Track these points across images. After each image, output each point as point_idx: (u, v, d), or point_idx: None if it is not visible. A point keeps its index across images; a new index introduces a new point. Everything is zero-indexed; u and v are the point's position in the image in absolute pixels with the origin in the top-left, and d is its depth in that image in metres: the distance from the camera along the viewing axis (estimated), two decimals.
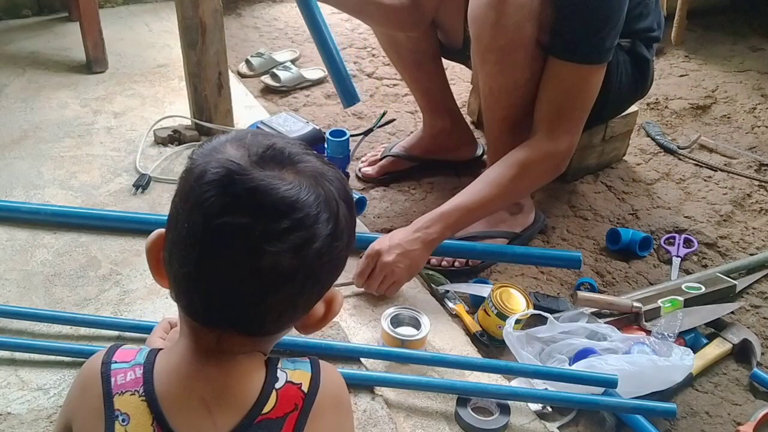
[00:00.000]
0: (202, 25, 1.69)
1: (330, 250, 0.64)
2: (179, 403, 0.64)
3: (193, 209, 0.61)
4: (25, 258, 1.42)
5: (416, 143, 1.82)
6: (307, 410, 0.66)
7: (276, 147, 0.64)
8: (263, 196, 0.60)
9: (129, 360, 0.67)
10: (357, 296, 1.37)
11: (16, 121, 1.91)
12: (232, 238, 0.60)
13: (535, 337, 1.25)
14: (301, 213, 0.61)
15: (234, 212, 0.59)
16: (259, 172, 0.61)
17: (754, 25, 2.70)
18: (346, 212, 0.66)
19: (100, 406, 0.64)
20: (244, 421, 0.63)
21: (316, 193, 0.62)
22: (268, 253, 0.60)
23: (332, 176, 0.66)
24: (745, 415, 1.22)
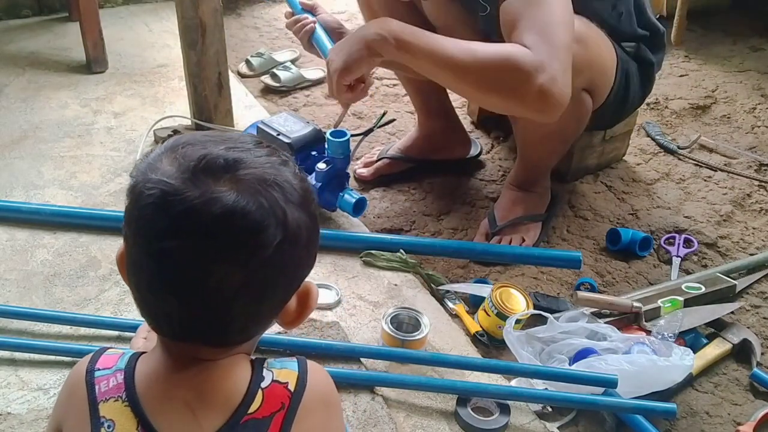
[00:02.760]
0: (202, 25, 1.69)
1: (284, 256, 0.62)
2: (162, 406, 0.64)
3: (136, 233, 0.61)
4: (25, 258, 1.42)
5: (412, 144, 1.83)
6: (294, 409, 0.65)
7: (209, 157, 0.60)
8: (198, 216, 0.58)
9: (111, 366, 0.67)
10: (357, 297, 1.38)
11: (16, 121, 1.91)
12: (176, 261, 0.59)
13: (535, 337, 1.25)
14: (240, 228, 0.59)
15: (172, 236, 0.58)
16: (193, 190, 0.58)
17: (754, 25, 2.70)
18: (298, 215, 0.62)
19: (86, 414, 0.64)
20: (230, 421, 0.63)
21: (256, 203, 0.59)
22: (215, 271, 0.59)
23: (280, 179, 0.62)
24: (745, 415, 1.22)
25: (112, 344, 1.22)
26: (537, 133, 1.52)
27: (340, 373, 1.17)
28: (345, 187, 1.54)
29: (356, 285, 1.41)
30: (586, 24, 1.36)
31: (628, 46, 1.49)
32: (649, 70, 1.56)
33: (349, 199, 1.51)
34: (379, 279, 1.43)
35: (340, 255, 1.48)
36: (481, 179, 1.83)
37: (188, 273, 0.59)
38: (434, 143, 1.81)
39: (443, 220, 1.68)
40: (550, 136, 1.52)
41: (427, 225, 1.65)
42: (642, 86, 1.56)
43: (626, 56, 1.50)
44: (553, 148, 1.58)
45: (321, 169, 1.51)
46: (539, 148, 1.57)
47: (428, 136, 1.81)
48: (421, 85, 1.77)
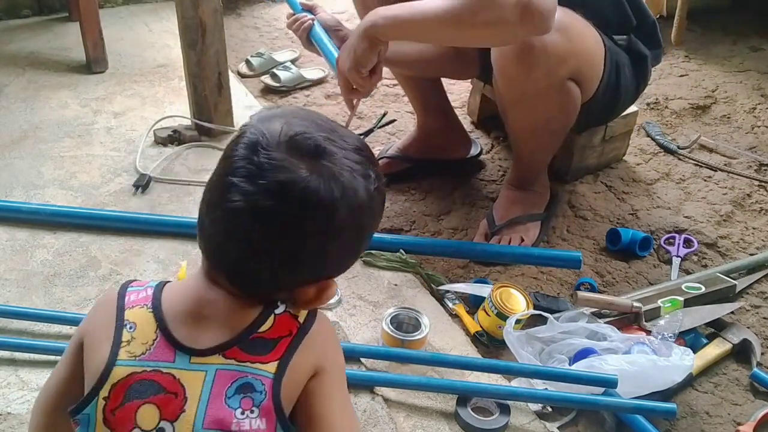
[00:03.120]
0: (202, 25, 1.69)
1: (317, 245, 0.69)
2: (182, 317, 0.71)
3: (221, 162, 0.70)
4: (25, 258, 1.42)
5: (411, 144, 1.83)
6: (300, 338, 0.71)
7: (305, 135, 0.68)
8: (267, 174, 0.66)
9: (143, 285, 0.76)
10: (357, 297, 1.38)
11: (16, 121, 1.91)
12: (232, 197, 0.66)
13: (535, 337, 1.25)
14: (294, 200, 0.66)
15: (242, 177, 0.66)
16: (279, 153, 0.67)
17: (754, 25, 2.70)
18: (347, 217, 0.69)
19: (112, 317, 0.72)
20: (240, 335, 0.70)
21: (316, 189, 0.66)
22: (252, 223, 0.67)
23: (348, 184, 0.68)
24: (745, 415, 1.22)
25: None
26: (525, 127, 1.52)
27: None
28: None
29: (356, 285, 1.41)
30: (569, 14, 1.37)
31: (620, 39, 1.49)
32: (642, 63, 1.56)
33: None
34: (379, 279, 1.43)
35: None
36: (481, 179, 1.83)
37: (235, 213, 0.67)
38: (434, 143, 1.81)
39: (443, 220, 1.68)
40: (538, 129, 1.52)
41: (427, 225, 1.65)
42: (635, 80, 1.56)
43: (617, 48, 1.49)
44: (543, 141, 1.57)
45: None
46: (529, 143, 1.57)
47: (428, 136, 1.81)
48: (420, 84, 1.77)
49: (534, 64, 1.33)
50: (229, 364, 0.69)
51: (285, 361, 0.70)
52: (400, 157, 1.81)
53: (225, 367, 0.69)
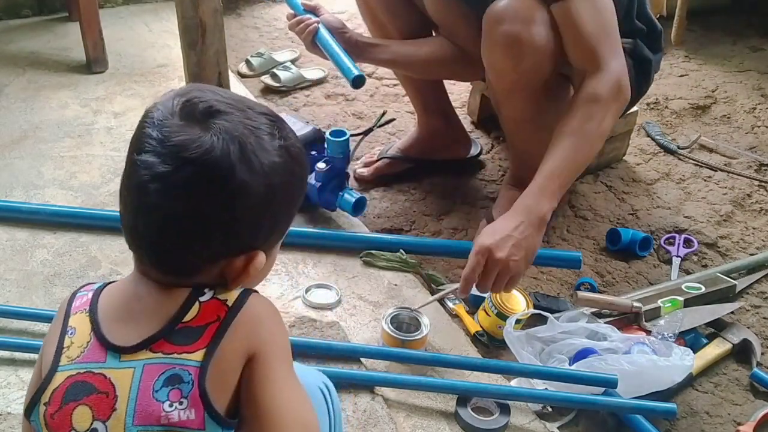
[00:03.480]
0: (202, 25, 1.68)
1: (221, 207, 0.68)
2: (113, 315, 0.72)
3: (131, 144, 0.71)
4: (25, 258, 1.42)
5: (411, 144, 1.83)
6: (228, 322, 0.69)
7: (195, 100, 0.69)
8: (164, 142, 0.67)
9: (90, 288, 0.76)
10: (357, 297, 1.38)
11: (16, 121, 1.91)
12: (139, 174, 0.67)
13: (535, 337, 1.25)
14: (188, 163, 0.66)
15: (146, 151, 0.67)
16: (172, 121, 0.68)
17: (754, 25, 2.70)
18: (249, 176, 0.67)
19: (60, 324, 0.74)
20: (165, 327, 0.69)
21: (210, 148, 0.66)
22: (161, 192, 0.67)
23: (248, 140, 0.68)
24: (745, 415, 1.22)
25: None
26: (517, 119, 1.51)
27: (340, 373, 1.17)
28: (344, 186, 1.54)
29: (356, 285, 1.41)
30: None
31: (625, 42, 1.49)
32: (646, 67, 1.56)
33: (348, 199, 1.51)
34: (379, 279, 1.43)
35: (340, 255, 1.48)
36: (481, 179, 1.83)
37: (144, 187, 0.67)
38: (434, 143, 1.81)
39: (443, 220, 1.68)
40: (529, 122, 1.51)
41: (427, 225, 1.65)
42: (638, 84, 1.56)
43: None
44: (536, 135, 1.52)
45: (321, 168, 1.51)
46: (522, 136, 1.56)
47: (428, 136, 1.81)
48: (420, 84, 1.77)
49: (522, 57, 1.34)
50: (157, 358, 0.68)
51: (212, 348, 0.68)
52: (400, 157, 1.81)
53: (152, 360, 0.68)
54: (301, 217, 1.58)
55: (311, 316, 1.31)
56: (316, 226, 1.57)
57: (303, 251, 1.47)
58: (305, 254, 1.47)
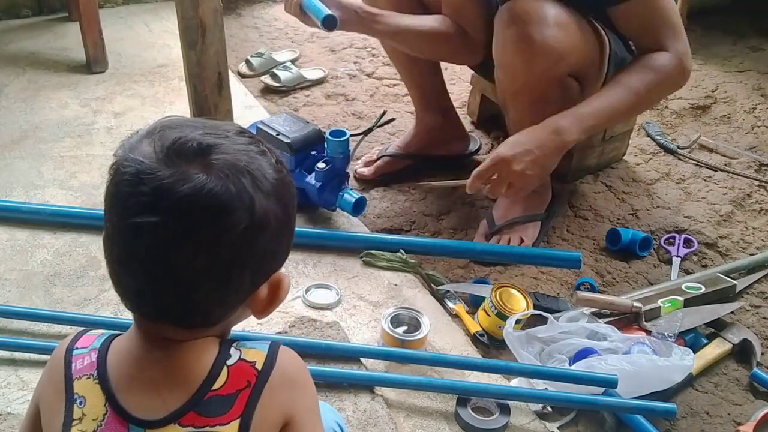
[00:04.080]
0: (202, 25, 1.68)
1: (250, 242, 0.63)
2: (130, 383, 0.65)
3: (111, 209, 0.63)
4: (25, 258, 1.42)
5: (411, 140, 1.83)
6: (260, 388, 0.65)
7: (182, 140, 0.62)
8: (167, 194, 0.60)
9: (88, 345, 0.69)
10: (357, 297, 1.38)
11: (16, 121, 1.91)
12: (144, 238, 0.61)
13: (535, 337, 1.25)
14: (206, 209, 0.60)
15: (142, 213, 0.60)
16: (165, 170, 0.60)
17: (754, 25, 2.70)
18: (267, 203, 0.63)
19: (62, 390, 0.66)
20: (194, 397, 0.64)
21: (224, 187, 0.61)
22: (180, 251, 0.61)
23: (252, 167, 0.63)
24: (745, 415, 1.22)
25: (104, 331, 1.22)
26: (525, 121, 1.49)
27: (340, 373, 1.17)
28: (344, 186, 1.54)
29: (356, 285, 1.41)
30: (568, 11, 1.38)
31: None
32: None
33: (348, 199, 1.51)
34: (379, 279, 1.43)
35: (340, 255, 1.48)
36: None
37: (155, 250, 0.61)
38: (433, 138, 1.82)
39: (443, 220, 1.68)
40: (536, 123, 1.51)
41: (427, 225, 1.65)
42: None
43: (624, 50, 1.49)
44: None
45: (320, 168, 1.51)
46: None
47: (427, 131, 1.82)
48: (421, 80, 1.78)
49: (534, 57, 1.34)
50: None
51: (247, 418, 0.64)
52: (401, 154, 1.82)
53: None
54: (301, 217, 1.58)
55: (311, 316, 1.31)
56: (316, 226, 1.57)
57: (303, 251, 1.47)
58: (305, 254, 1.47)
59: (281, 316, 1.30)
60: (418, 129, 1.84)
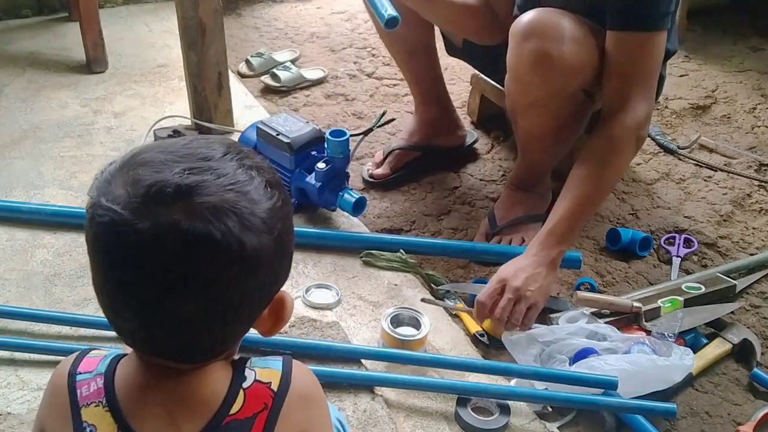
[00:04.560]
0: (202, 25, 1.69)
1: (245, 282, 0.60)
2: (142, 411, 0.63)
3: (93, 256, 0.61)
4: (25, 258, 1.42)
5: (413, 131, 1.85)
6: (277, 409, 0.64)
7: (159, 185, 0.57)
8: (149, 249, 0.57)
9: (92, 370, 0.66)
10: (357, 297, 1.38)
11: (16, 121, 1.91)
12: (131, 289, 0.59)
13: (535, 337, 1.24)
14: (192, 259, 0.57)
15: (125, 267, 0.58)
16: (143, 221, 0.56)
17: (754, 25, 2.70)
18: (258, 241, 0.59)
19: (68, 417, 0.64)
20: (211, 423, 0.62)
21: (208, 235, 0.57)
22: (170, 301, 0.58)
23: (239, 205, 0.59)
24: (745, 415, 1.22)
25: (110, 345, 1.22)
26: (535, 133, 1.52)
27: (340, 374, 1.17)
28: (345, 186, 1.54)
29: (356, 285, 1.41)
30: (582, 23, 1.37)
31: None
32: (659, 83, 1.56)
33: (348, 199, 1.51)
34: (379, 279, 1.43)
35: (340, 255, 1.48)
36: (481, 179, 1.83)
37: (145, 300, 0.59)
38: (434, 129, 1.84)
39: (443, 220, 1.68)
40: (548, 136, 1.52)
41: (427, 225, 1.65)
42: None
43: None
44: (553, 148, 1.58)
45: (320, 168, 1.51)
46: (539, 149, 1.57)
47: (427, 122, 1.84)
48: (417, 74, 1.79)
49: (550, 73, 1.34)
50: None
51: None
52: (408, 146, 1.82)
53: None
54: (301, 217, 1.58)
55: (311, 316, 1.31)
56: (316, 226, 1.57)
57: (303, 251, 1.47)
58: (305, 254, 1.47)
59: None
60: (418, 120, 1.86)
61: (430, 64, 1.80)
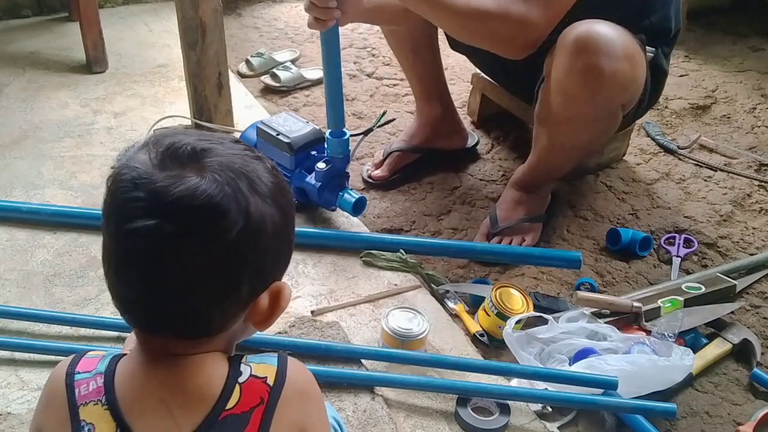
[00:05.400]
0: (202, 25, 1.69)
1: (247, 245, 0.62)
2: (140, 407, 0.64)
3: (108, 217, 0.63)
4: (25, 258, 1.42)
5: (414, 133, 1.84)
6: (273, 404, 0.65)
7: (176, 145, 0.63)
8: (162, 197, 0.59)
9: (91, 369, 0.67)
10: (357, 296, 1.38)
11: (16, 121, 1.91)
12: (141, 243, 0.60)
13: (535, 337, 1.25)
14: (201, 210, 0.60)
15: (138, 217, 0.60)
16: (159, 174, 0.60)
17: (754, 25, 2.70)
18: (263, 205, 0.63)
19: (66, 417, 0.64)
20: (208, 418, 0.63)
21: (219, 188, 0.60)
22: (177, 253, 0.60)
23: (247, 170, 0.63)
24: (745, 415, 1.22)
25: (109, 345, 1.22)
26: (566, 145, 1.50)
27: (340, 374, 1.17)
28: (345, 186, 1.54)
29: (356, 285, 1.41)
30: (633, 41, 1.37)
31: (649, 50, 1.48)
32: (661, 79, 1.55)
33: (348, 199, 1.51)
34: (379, 279, 1.43)
35: (340, 255, 1.48)
36: (481, 179, 1.83)
37: (152, 254, 0.60)
38: (435, 130, 1.84)
39: (443, 220, 1.68)
40: (580, 149, 1.52)
41: (427, 225, 1.65)
42: (650, 95, 1.55)
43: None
44: (576, 157, 1.57)
45: (321, 168, 1.51)
46: (564, 159, 1.56)
47: (429, 123, 1.83)
48: (421, 71, 1.79)
49: (599, 88, 1.33)
50: None
51: None
52: (409, 148, 1.82)
53: None
54: (301, 217, 1.58)
55: (311, 315, 1.31)
56: (316, 226, 1.57)
57: (303, 251, 1.47)
58: (305, 254, 1.47)
59: (281, 317, 1.29)
60: (420, 121, 1.85)
61: (434, 62, 1.80)
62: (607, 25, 1.33)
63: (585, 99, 1.35)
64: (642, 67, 1.40)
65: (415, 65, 1.79)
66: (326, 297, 1.37)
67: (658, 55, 1.50)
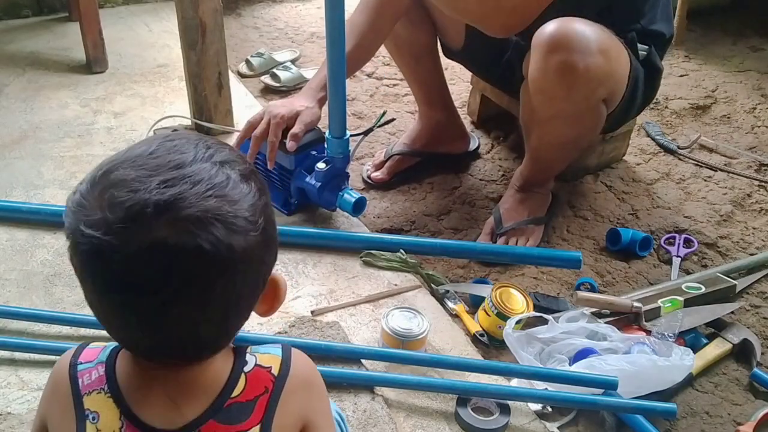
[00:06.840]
0: (202, 25, 1.69)
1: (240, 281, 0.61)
2: (144, 395, 0.64)
3: (83, 281, 0.61)
4: (25, 258, 1.42)
5: (416, 136, 1.84)
6: (277, 393, 0.66)
7: (139, 206, 0.56)
8: (139, 271, 0.56)
9: (93, 359, 0.68)
10: (357, 296, 1.38)
11: (16, 121, 1.91)
12: (127, 309, 0.59)
13: (535, 337, 1.25)
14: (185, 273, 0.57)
15: (117, 290, 0.58)
16: (127, 245, 0.56)
17: (754, 25, 2.70)
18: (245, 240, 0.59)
19: (70, 407, 0.65)
20: (213, 405, 0.64)
21: (197, 247, 0.56)
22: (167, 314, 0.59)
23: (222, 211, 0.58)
24: (745, 415, 1.22)
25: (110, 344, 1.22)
26: (553, 143, 1.52)
27: (340, 374, 1.17)
28: (344, 186, 1.54)
29: (356, 285, 1.41)
30: (608, 35, 1.38)
31: (642, 48, 1.48)
32: (656, 77, 1.56)
33: (348, 199, 1.51)
34: (379, 279, 1.43)
35: (340, 255, 1.48)
36: (481, 179, 1.83)
37: (144, 315, 0.59)
38: (437, 134, 1.83)
39: (443, 220, 1.68)
40: (567, 145, 1.53)
41: (427, 225, 1.65)
42: (645, 93, 1.56)
43: (637, 63, 1.49)
44: (569, 155, 1.60)
45: (321, 168, 1.51)
46: (554, 157, 1.58)
47: (431, 127, 1.83)
48: (423, 77, 1.79)
49: (575, 85, 1.34)
50: None
51: (267, 424, 0.64)
52: (410, 152, 1.82)
53: None
54: (301, 217, 1.58)
55: (311, 315, 1.31)
56: (316, 226, 1.57)
57: (303, 251, 1.47)
58: (305, 254, 1.47)
59: (281, 316, 1.30)
60: (422, 125, 1.85)
61: (435, 68, 1.79)
62: (580, 21, 1.33)
63: (562, 97, 1.37)
64: (620, 62, 1.40)
65: (417, 72, 1.79)
66: (326, 297, 1.37)
67: (651, 53, 1.50)
